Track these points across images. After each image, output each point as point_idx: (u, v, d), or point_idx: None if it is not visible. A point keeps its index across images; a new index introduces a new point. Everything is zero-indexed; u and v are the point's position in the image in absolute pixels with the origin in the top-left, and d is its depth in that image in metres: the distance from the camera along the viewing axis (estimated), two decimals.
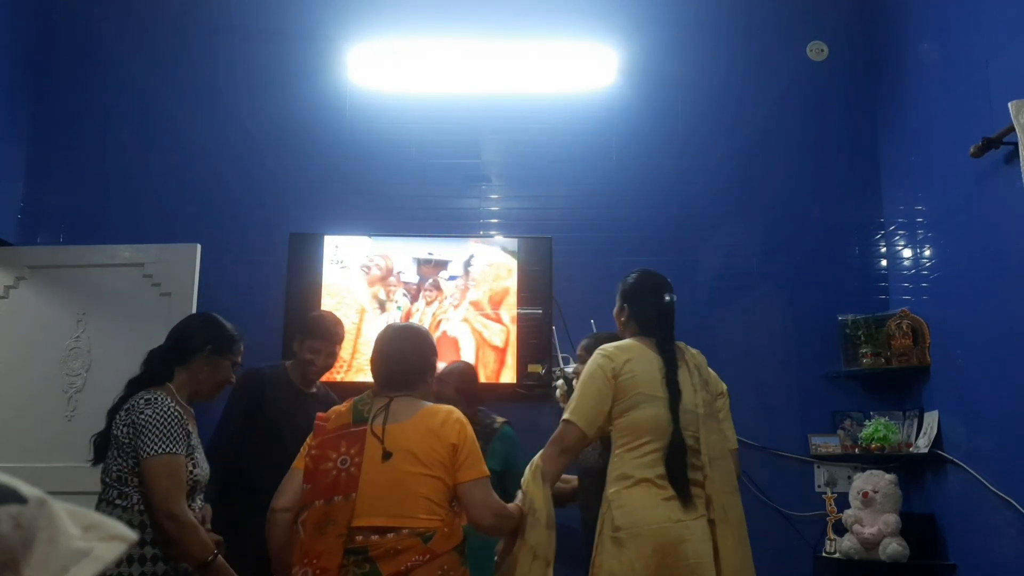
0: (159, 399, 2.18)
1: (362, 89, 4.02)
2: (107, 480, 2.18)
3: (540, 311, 3.71)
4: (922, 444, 3.40)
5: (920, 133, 3.61)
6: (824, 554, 3.45)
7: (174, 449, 2.11)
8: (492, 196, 3.97)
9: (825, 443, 3.64)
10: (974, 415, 3.16)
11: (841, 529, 3.41)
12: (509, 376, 3.66)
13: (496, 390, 3.58)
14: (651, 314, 2.44)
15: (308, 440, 2.13)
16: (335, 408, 2.17)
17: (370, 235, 3.79)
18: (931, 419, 3.41)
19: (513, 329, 3.70)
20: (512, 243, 3.80)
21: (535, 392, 3.65)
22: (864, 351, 3.60)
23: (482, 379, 3.63)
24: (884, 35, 3.95)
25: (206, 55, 4.04)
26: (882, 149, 3.93)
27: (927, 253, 3.55)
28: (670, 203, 3.92)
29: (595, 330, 3.61)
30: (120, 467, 2.15)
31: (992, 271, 3.04)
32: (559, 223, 3.88)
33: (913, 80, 3.69)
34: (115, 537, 0.64)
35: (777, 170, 3.97)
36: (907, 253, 3.72)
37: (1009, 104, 2.73)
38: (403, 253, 3.76)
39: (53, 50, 4.00)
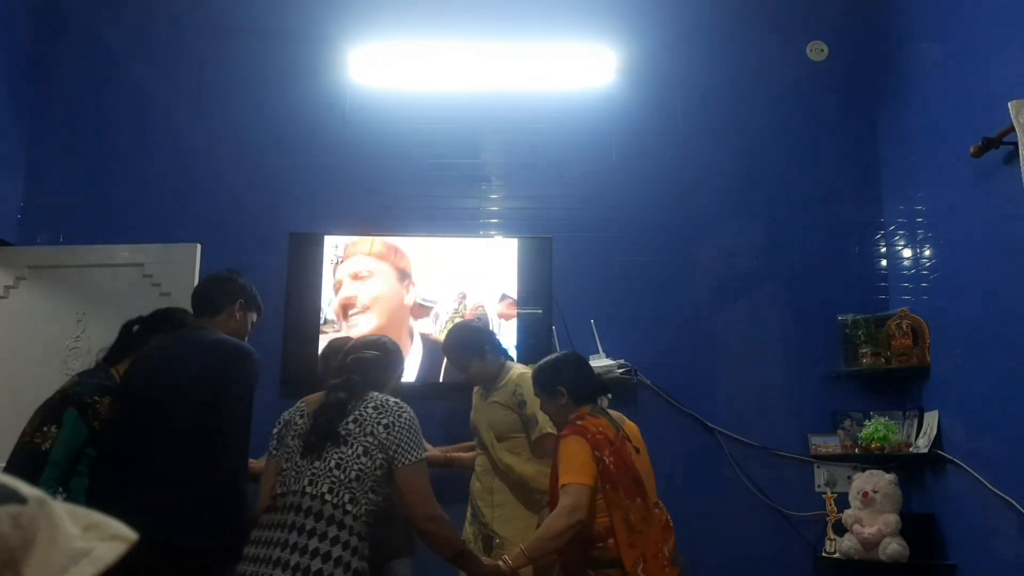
0: (402, 403, 2.19)
1: (362, 89, 4.02)
2: (341, 478, 2.05)
3: (540, 311, 3.71)
4: (922, 444, 3.40)
5: (920, 133, 3.61)
6: (824, 554, 3.46)
7: (425, 453, 2.17)
8: (492, 196, 3.97)
9: (825, 443, 3.64)
10: (974, 415, 3.16)
11: (841, 529, 3.41)
12: None
13: None
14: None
15: (592, 451, 2.27)
16: (592, 420, 2.39)
17: (370, 235, 3.79)
18: (931, 419, 3.41)
19: (513, 329, 3.70)
20: (512, 243, 3.81)
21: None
22: (864, 351, 3.60)
23: None
24: (884, 35, 3.95)
25: (206, 55, 4.04)
26: (882, 149, 3.93)
27: (927, 253, 3.55)
28: (670, 203, 3.92)
29: (595, 330, 3.65)
30: (363, 465, 2.07)
31: (992, 271, 3.04)
32: (559, 223, 3.88)
33: (913, 80, 3.68)
34: (115, 537, 0.64)
35: (777, 170, 3.97)
36: (907, 253, 3.72)
37: (1009, 104, 2.73)
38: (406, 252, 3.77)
39: (53, 50, 4.00)
